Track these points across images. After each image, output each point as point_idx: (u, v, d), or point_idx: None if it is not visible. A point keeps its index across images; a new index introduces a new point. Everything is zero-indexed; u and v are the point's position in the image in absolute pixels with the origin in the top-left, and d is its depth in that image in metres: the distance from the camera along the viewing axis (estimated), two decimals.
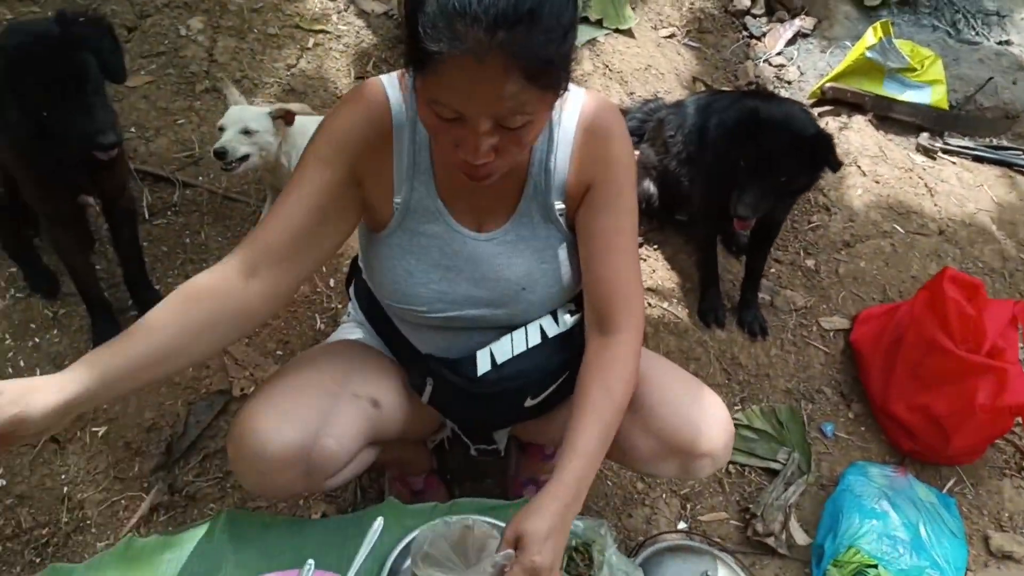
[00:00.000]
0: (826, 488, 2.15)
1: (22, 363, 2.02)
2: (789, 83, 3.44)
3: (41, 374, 1.98)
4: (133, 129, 2.43)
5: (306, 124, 2.20)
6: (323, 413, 1.32)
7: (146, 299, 2.10)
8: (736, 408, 2.29)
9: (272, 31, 2.74)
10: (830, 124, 3.13)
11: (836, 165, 2.08)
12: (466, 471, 2.04)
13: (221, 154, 2.00)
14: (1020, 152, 3.22)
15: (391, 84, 1.26)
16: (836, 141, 2.20)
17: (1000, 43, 3.66)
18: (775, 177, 2.07)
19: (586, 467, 1.20)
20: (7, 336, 2.05)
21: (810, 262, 2.71)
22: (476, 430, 1.70)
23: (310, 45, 2.75)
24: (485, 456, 1.80)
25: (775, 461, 2.18)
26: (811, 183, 2.22)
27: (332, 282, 2.23)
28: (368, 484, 2.00)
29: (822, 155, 2.07)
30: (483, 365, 1.40)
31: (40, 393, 0.97)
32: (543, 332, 1.42)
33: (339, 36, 2.80)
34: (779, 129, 2.06)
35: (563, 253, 1.36)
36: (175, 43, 2.65)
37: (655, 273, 2.57)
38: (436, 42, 0.95)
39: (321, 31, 2.80)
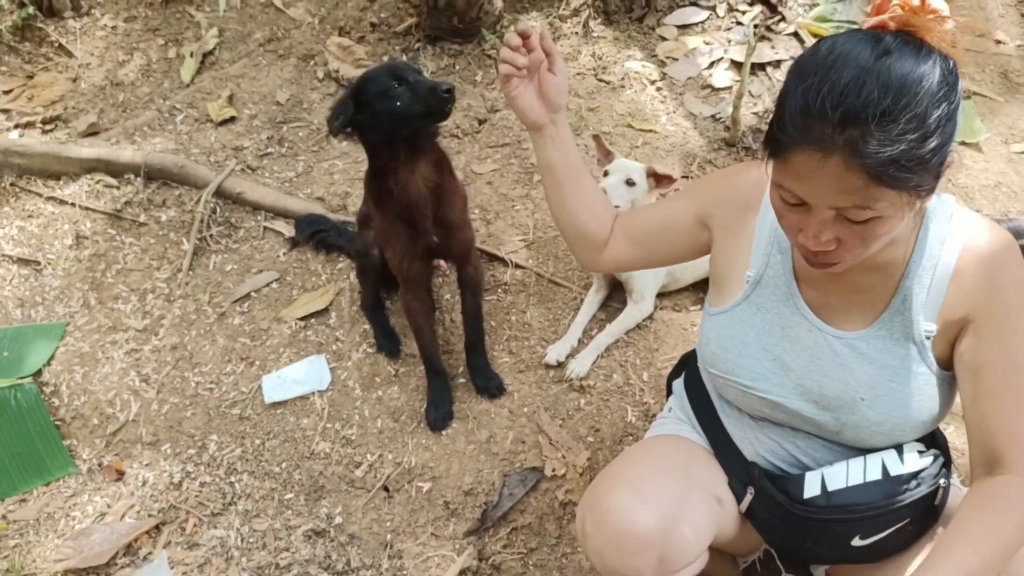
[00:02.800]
0: None
1: (367, 412, 2.24)
2: None
3: (381, 425, 2.20)
4: (477, 211, 2.66)
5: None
6: (678, 500, 1.30)
7: (478, 366, 2.25)
8: None
9: (605, 129, 2.89)
10: None
11: None
12: None
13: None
14: None
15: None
16: None
17: None
18: None
19: None
20: (357, 386, 2.30)
21: None
22: (792, 556, 1.58)
23: (639, 144, 2.86)
24: None
25: None
26: None
27: (646, 376, 2.24)
28: None
29: None
30: (811, 488, 1.32)
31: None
32: (884, 468, 1.30)
33: (666, 136, 2.89)
34: None
35: (920, 380, 1.24)
36: (518, 136, 2.90)
37: None
38: (787, 132, 1.03)
39: (650, 131, 2.90)
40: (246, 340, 2.41)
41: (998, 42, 3.19)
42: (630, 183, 2.19)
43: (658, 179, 2.22)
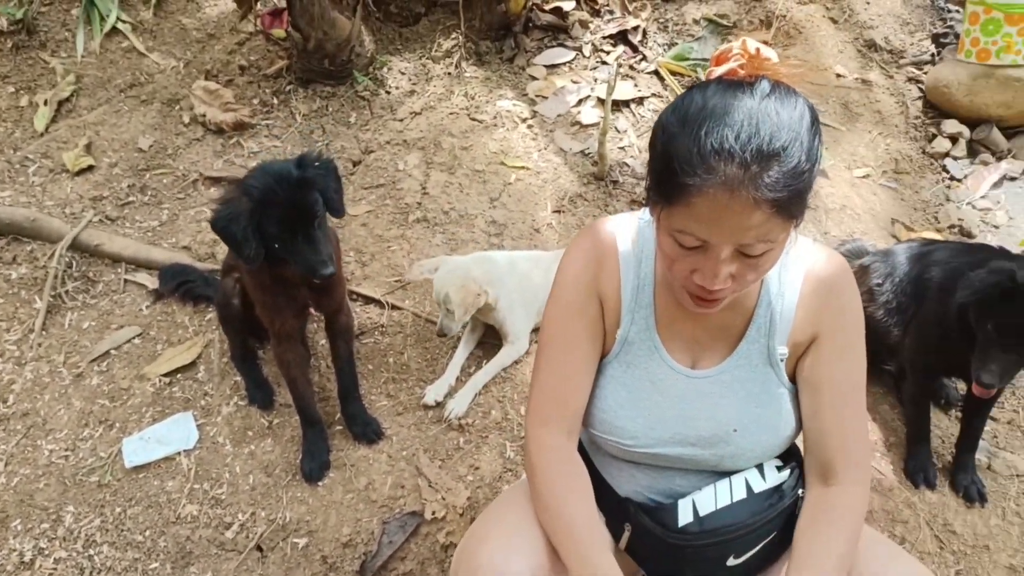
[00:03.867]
0: None
1: (238, 468, 2.15)
2: (997, 227, 3.24)
3: (253, 481, 2.12)
4: (352, 253, 2.63)
5: (514, 262, 2.33)
6: (549, 547, 1.30)
7: (354, 412, 2.20)
8: None
9: (479, 167, 2.93)
10: None
11: None
12: None
13: (443, 335, 2.29)
14: None
15: (617, 224, 1.36)
16: None
17: None
18: None
19: None
20: (228, 441, 2.21)
21: None
22: None
23: (512, 180, 2.91)
24: None
25: None
26: None
27: (523, 410, 2.25)
28: None
29: None
30: (684, 516, 1.35)
31: None
32: (748, 486, 1.36)
33: (539, 172, 2.95)
34: None
35: (781, 400, 1.32)
36: (393, 176, 2.89)
37: None
38: (691, 176, 1.03)
39: (522, 167, 2.96)
40: (105, 401, 2.28)
41: (839, 76, 3.44)
42: (450, 311, 2.24)
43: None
